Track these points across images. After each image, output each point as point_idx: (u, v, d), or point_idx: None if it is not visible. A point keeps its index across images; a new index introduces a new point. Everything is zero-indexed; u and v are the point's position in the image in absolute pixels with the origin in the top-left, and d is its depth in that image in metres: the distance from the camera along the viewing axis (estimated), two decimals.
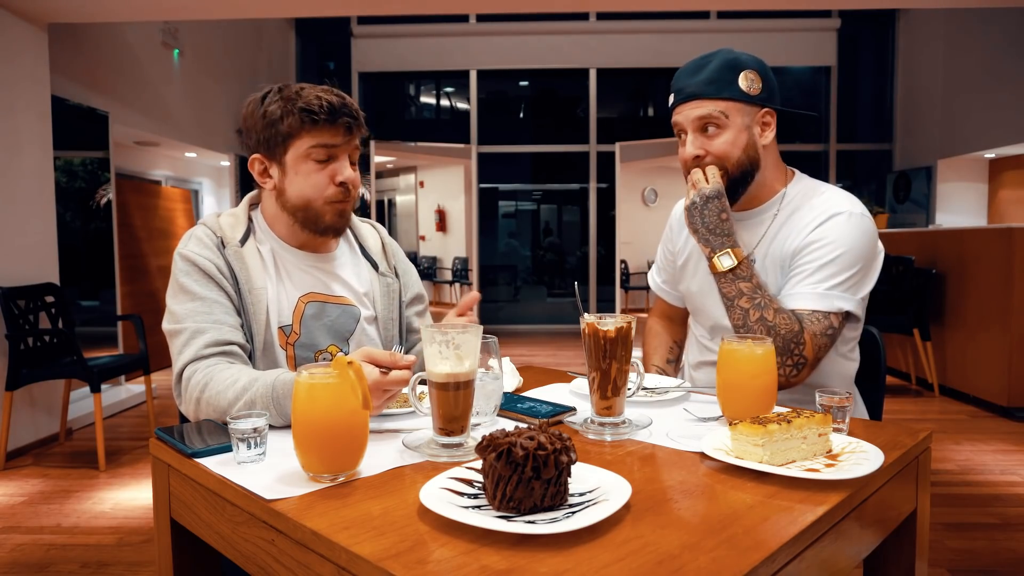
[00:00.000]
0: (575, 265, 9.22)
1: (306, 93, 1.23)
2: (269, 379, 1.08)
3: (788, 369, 1.26)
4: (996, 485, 2.90)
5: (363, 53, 7.86)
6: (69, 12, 3.68)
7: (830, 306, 1.27)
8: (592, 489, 0.77)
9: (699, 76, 1.35)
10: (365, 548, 0.65)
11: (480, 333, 0.96)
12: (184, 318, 1.20)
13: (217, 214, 1.33)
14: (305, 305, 1.31)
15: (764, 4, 5.56)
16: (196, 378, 1.14)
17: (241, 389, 1.09)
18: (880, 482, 0.88)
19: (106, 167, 4.54)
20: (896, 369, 5.04)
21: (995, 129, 5.86)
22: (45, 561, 2.30)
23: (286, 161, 1.26)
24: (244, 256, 1.27)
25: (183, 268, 1.24)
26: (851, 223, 1.31)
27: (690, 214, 1.36)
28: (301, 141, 1.24)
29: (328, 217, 1.29)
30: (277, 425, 1.06)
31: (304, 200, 1.27)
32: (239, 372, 1.13)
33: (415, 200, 7.26)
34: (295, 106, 1.22)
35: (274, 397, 1.06)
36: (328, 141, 1.25)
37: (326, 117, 1.23)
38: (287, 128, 1.23)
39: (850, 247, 1.29)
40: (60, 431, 3.67)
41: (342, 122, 1.24)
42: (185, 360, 1.17)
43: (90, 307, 4.69)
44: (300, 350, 1.29)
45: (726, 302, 1.32)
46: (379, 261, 1.45)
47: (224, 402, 1.09)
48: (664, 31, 7.59)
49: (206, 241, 1.26)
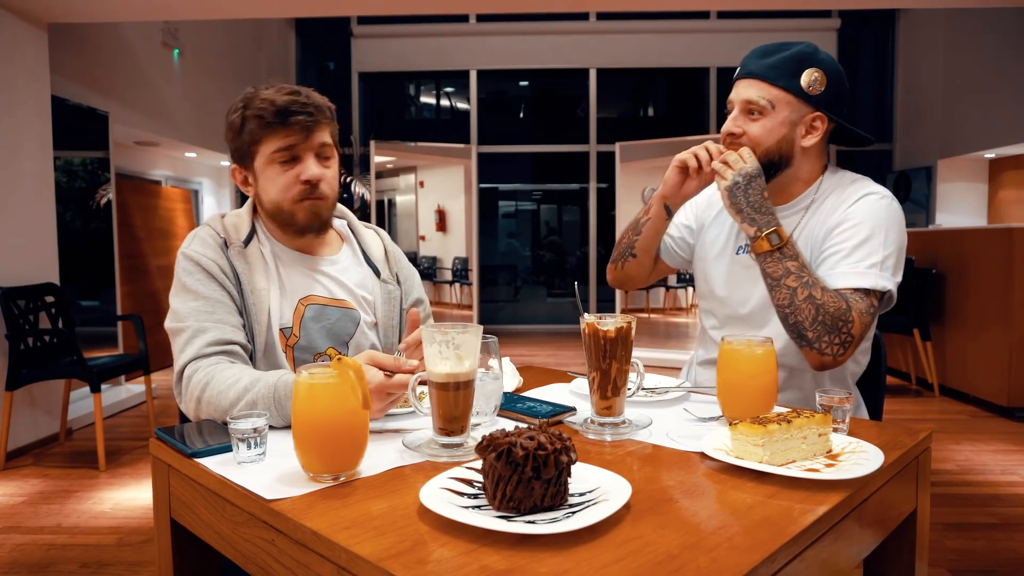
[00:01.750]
0: (575, 265, 9.23)
1: (260, 96, 1.22)
2: (271, 380, 1.08)
3: (835, 348, 1.22)
4: (996, 485, 2.90)
5: (363, 53, 7.86)
6: (69, 12, 3.68)
7: (873, 283, 1.25)
8: (592, 489, 0.77)
9: (767, 59, 1.33)
10: (365, 548, 0.65)
11: (480, 333, 0.96)
12: (186, 316, 1.19)
13: (222, 215, 1.34)
14: (305, 308, 1.31)
15: (764, 4, 5.56)
16: (197, 377, 1.14)
17: (243, 389, 1.09)
18: (880, 482, 0.88)
19: (106, 167, 4.54)
20: (896, 369, 5.04)
21: (995, 129, 5.86)
22: (45, 561, 2.30)
23: (256, 168, 1.27)
24: (248, 256, 1.28)
25: (186, 267, 1.24)
26: (883, 204, 1.31)
27: (732, 194, 1.31)
28: (263, 147, 1.24)
29: (300, 216, 1.28)
30: (278, 426, 1.06)
31: (275, 204, 1.28)
32: (241, 372, 1.12)
33: (415, 200, 7.26)
34: (250, 112, 1.22)
35: (276, 398, 1.06)
36: (285, 143, 1.23)
37: (276, 120, 1.21)
38: (249, 136, 1.24)
39: (886, 227, 1.28)
40: (60, 431, 3.67)
41: (295, 121, 1.22)
42: (186, 359, 1.16)
43: (90, 307, 4.69)
44: (299, 352, 1.29)
45: (770, 282, 1.27)
46: (381, 268, 1.44)
47: (225, 402, 1.09)
48: (664, 31, 7.59)
49: (209, 241, 1.26)
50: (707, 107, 7.80)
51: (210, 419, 1.12)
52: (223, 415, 1.09)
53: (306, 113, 1.23)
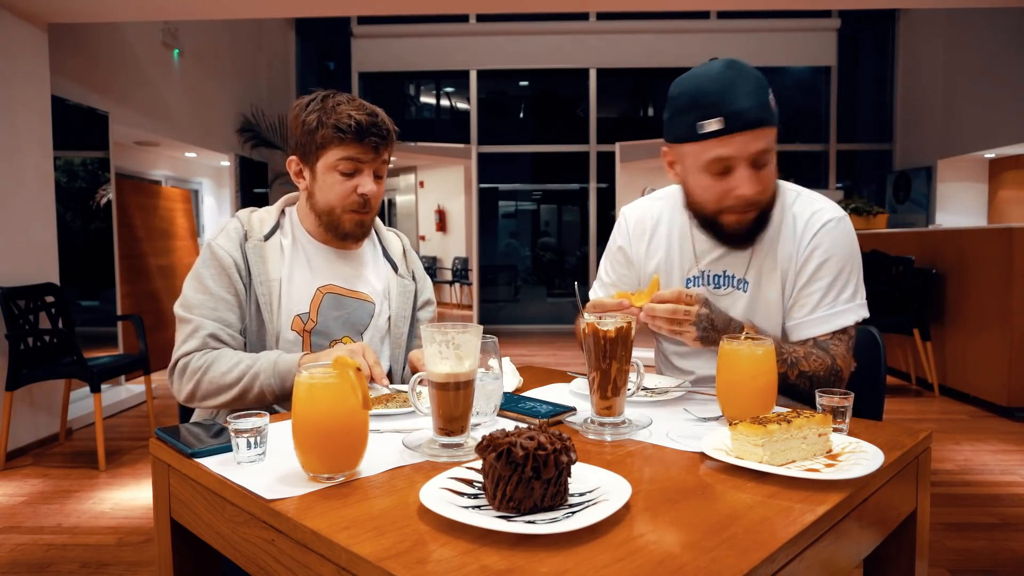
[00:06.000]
0: (575, 265, 9.23)
1: (341, 109, 1.34)
2: (272, 356, 1.27)
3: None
4: (996, 485, 2.90)
5: (363, 53, 7.85)
6: (69, 12, 3.68)
7: (851, 320, 1.29)
8: (592, 489, 0.77)
9: (753, 98, 1.17)
10: (365, 548, 0.65)
11: (480, 333, 0.96)
12: (193, 308, 1.32)
13: (251, 210, 1.46)
14: (323, 296, 1.42)
15: (764, 4, 5.56)
16: (196, 363, 1.28)
17: (245, 367, 1.25)
18: (880, 482, 0.88)
19: (106, 167, 4.54)
20: (896, 369, 5.04)
21: (995, 129, 5.86)
22: (45, 561, 2.30)
23: (317, 168, 1.38)
24: (265, 250, 1.39)
25: (205, 259, 1.36)
26: (840, 229, 1.32)
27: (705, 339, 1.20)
28: (331, 153, 1.35)
29: (347, 225, 1.41)
30: (277, 404, 1.22)
31: (328, 206, 1.39)
32: (239, 354, 1.29)
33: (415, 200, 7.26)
34: (329, 120, 1.33)
35: (277, 372, 1.24)
36: (354, 155, 1.35)
37: (353, 136, 1.33)
38: (320, 139, 1.35)
39: (848, 255, 1.31)
40: (60, 431, 3.67)
41: (369, 141, 1.34)
42: (185, 350, 1.30)
43: (90, 307, 4.69)
44: (316, 337, 1.40)
45: None
46: (399, 263, 1.56)
47: (228, 379, 1.25)
48: (664, 31, 7.59)
49: (232, 236, 1.38)
50: None
51: (210, 419, 1.13)
52: (224, 391, 1.26)
53: (380, 136, 1.36)
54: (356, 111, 1.33)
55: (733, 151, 1.19)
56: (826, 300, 1.30)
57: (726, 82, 1.18)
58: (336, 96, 1.37)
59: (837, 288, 1.30)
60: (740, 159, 1.20)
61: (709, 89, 1.19)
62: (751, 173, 1.22)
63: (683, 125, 1.23)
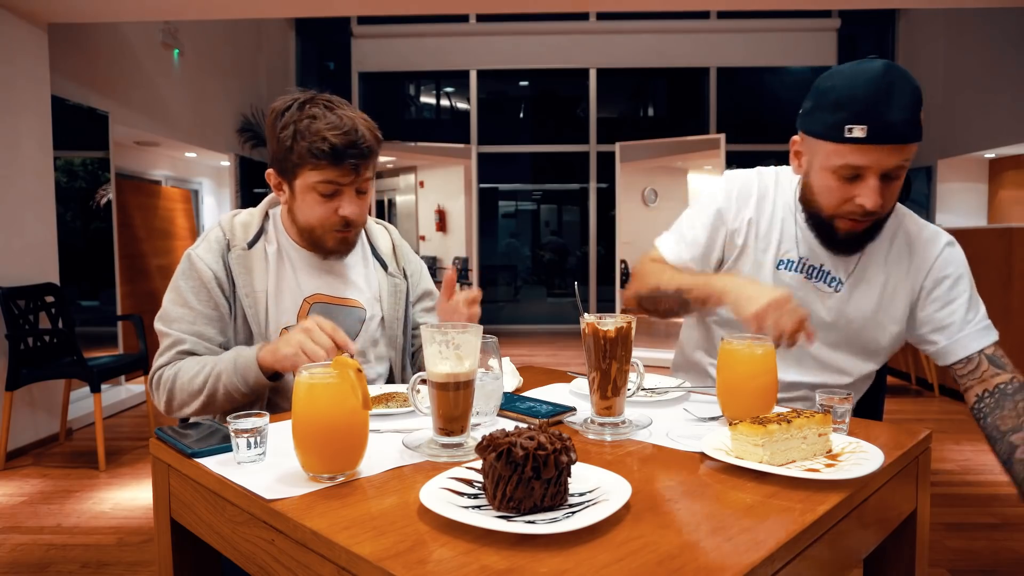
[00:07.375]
0: (575, 265, 9.23)
1: (315, 128, 1.22)
2: (231, 354, 1.22)
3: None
4: (996, 485, 2.90)
5: (363, 53, 7.85)
6: (69, 12, 3.68)
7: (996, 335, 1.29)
8: (592, 489, 0.77)
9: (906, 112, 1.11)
10: (365, 548, 0.65)
11: (480, 333, 0.96)
12: (172, 322, 1.29)
13: (234, 213, 1.39)
14: (311, 306, 1.36)
15: (764, 4, 5.56)
16: (168, 373, 1.26)
17: (209, 370, 1.21)
18: (880, 482, 0.88)
19: (106, 167, 4.54)
20: (896, 369, 5.04)
21: (995, 129, 5.86)
22: (45, 561, 2.30)
23: (295, 187, 1.30)
24: (249, 259, 1.33)
25: (185, 270, 1.31)
26: (959, 251, 1.34)
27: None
28: (307, 174, 1.27)
29: (330, 243, 1.34)
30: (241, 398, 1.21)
31: (308, 226, 1.33)
32: (206, 359, 1.25)
33: (415, 200, 7.26)
34: (303, 142, 1.23)
35: (236, 367, 1.19)
36: (332, 179, 1.26)
37: (329, 161, 1.23)
38: (296, 158, 1.26)
39: (970, 275, 1.33)
40: (60, 431, 3.67)
41: (347, 164, 1.25)
42: (159, 364, 1.28)
43: (90, 307, 4.69)
44: None
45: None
46: (389, 262, 1.49)
47: (195, 385, 1.21)
48: (664, 31, 7.59)
49: (214, 246, 1.32)
50: (707, 107, 7.80)
51: (210, 420, 1.13)
52: (194, 397, 1.22)
53: (360, 156, 1.25)
54: (331, 131, 1.22)
55: (870, 161, 1.14)
56: (971, 315, 1.29)
57: (881, 89, 1.11)
58: (312, 107, 1.24)
59: (975, 308, 1.30)
60: (873, 170, 1.15)
61: (862, 93, 1.12)
62: (879, 185, 1.16)
63: (824, 122, 1.17)
